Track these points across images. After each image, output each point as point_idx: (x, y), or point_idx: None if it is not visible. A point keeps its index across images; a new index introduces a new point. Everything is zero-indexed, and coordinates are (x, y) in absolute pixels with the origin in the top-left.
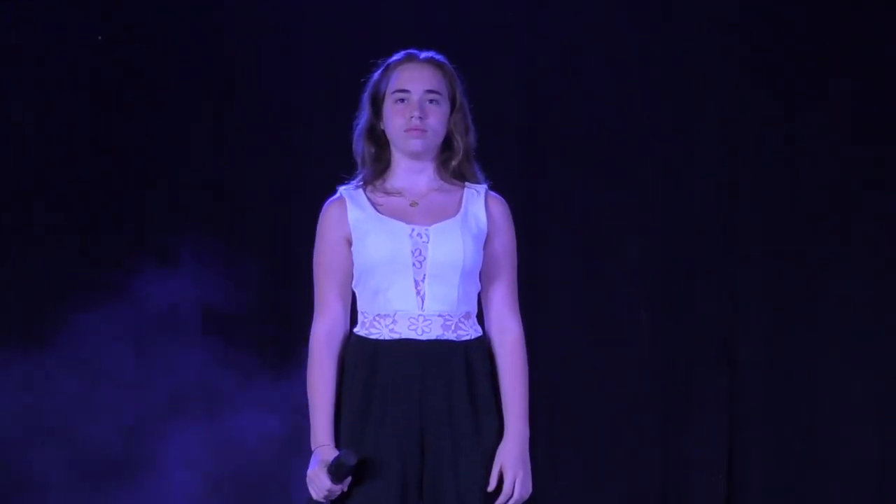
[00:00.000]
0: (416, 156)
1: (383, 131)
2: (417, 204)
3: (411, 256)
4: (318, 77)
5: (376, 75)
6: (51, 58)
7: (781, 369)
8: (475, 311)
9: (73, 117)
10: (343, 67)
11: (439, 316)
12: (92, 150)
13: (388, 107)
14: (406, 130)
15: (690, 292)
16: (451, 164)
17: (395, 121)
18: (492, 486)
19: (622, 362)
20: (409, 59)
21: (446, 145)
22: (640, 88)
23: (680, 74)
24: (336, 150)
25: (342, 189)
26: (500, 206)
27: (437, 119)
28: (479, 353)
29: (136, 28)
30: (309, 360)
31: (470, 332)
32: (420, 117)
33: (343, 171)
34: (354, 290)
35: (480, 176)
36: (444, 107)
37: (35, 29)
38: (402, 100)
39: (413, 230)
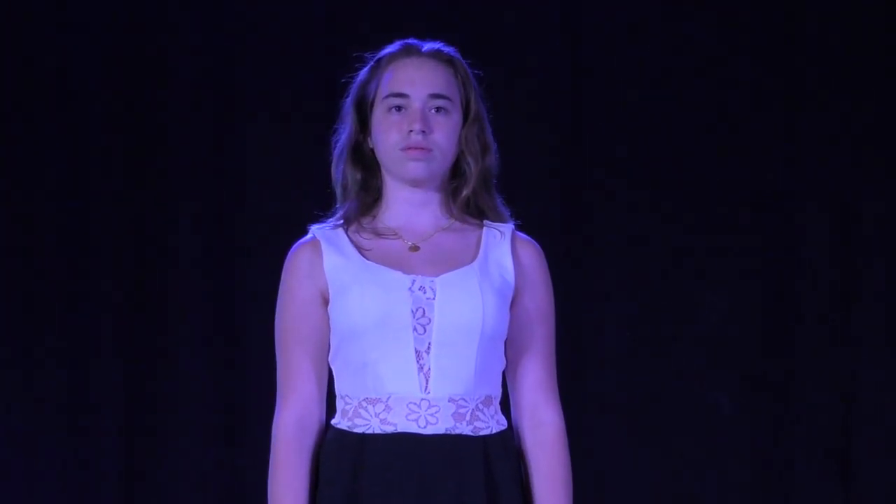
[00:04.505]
0: (416, 183)
1: (372, 150)
2: (419, 248)
3: (411, 318)
4: (316, 76)
5: (363, 74)
6: None
7: None
8: (499, 394)
9: None
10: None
11: (450, 401)
12: None
13: (379, 117)
14: (403, 149)
15: (790, 372)
16: (463, 194)
17: (389, 136)
18: None
19: (698, 464)
20: (408, 52)
21: (456, 170)
22: (717, 103)
23: (774, 86)
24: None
25: (315, 229)
26: (532, 252)
27: (444, 134)
28: (503, 453)
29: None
30: (272, 460)
31: (491, 423)
32: (422, 131)
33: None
34: (332, 365)
35: (505, 212)
36: (455, 117)
37: None
38: (399, 107)
39: (414, 282)
